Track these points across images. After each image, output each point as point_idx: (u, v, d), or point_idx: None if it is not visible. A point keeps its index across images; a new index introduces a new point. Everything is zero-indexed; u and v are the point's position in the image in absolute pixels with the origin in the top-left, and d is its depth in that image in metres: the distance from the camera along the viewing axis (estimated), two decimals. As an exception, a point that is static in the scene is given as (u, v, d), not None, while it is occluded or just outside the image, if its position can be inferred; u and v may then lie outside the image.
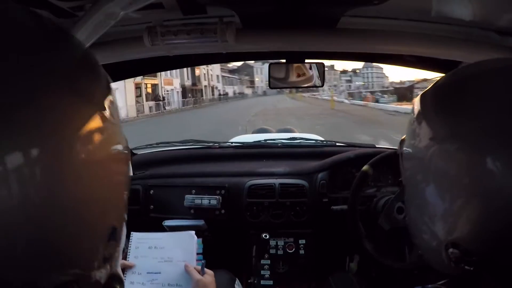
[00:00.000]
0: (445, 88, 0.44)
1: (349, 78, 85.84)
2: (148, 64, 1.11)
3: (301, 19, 0.87)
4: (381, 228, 1.19)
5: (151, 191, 1.41)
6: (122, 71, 1.21)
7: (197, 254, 0.92)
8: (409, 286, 0.48)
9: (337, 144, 1.70)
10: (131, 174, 1.47)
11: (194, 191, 1.38)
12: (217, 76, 47.57)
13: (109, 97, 0.31)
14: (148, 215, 1.39)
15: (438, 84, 0.45)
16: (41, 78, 0.25)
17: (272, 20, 0.86)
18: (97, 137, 0.28)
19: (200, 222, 1.36)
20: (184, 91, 35.31)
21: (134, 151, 1.59)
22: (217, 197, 1.36)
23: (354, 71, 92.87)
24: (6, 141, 0.22)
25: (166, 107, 27.96)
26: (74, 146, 0.26)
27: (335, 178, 1.40)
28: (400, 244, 1.16)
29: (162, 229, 1.33)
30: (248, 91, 66.65)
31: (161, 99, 27.83)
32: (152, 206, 1.40)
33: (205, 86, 42.27)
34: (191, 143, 1.72)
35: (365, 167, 1.18)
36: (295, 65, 1.08)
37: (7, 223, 0.22)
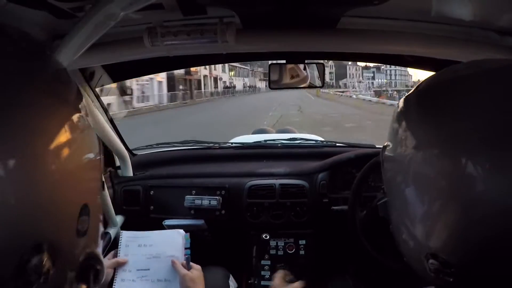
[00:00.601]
0: (427, 92, 0.43)
1: (372, 74, 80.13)
2: (148, 65, 1.11)
3: (301, 20, 0.87)
4: (381, 228, 1.18)
5: (151, 192, 1.41)
6: (122, 72, 1.21)
7: (186, 248, 0.94)
8: (408, 287, 0.48)
9: (337, 144, 1.70)
10: (131, 174, 1.47)
11: (194, 191, 1.38)
12: (223, 65, 35.39)
13: (79, 110, 0.36)
14: (148, 215, 1.39)
15: (420, 88, 0.44)
16: (15, 93, 0.30)
17: (272, 20, 0.86)
18: (68, 142, 0.33)
19: (200, 222, 1.36)
20: (172, 82, 25.96)
21: (134, 152, 1.59)
22: (217, 197, 1.36)
23: (377, 67, 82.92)
24: None
25: (137, 104, 19.34)
26: (41, 133, 0.30)
27: (335, 179, 1.40)
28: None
29: (162, 229, 1.33)
30: (261, 84, 59.40)
31: (129, 93, 18.19)
32: (152, 207, 1.40)
33: (205, 76, 33.96)
34: (191, 144, 1.72)
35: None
36: (298, 65, 1.08)
37: None
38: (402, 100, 0.46)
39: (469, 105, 0.37)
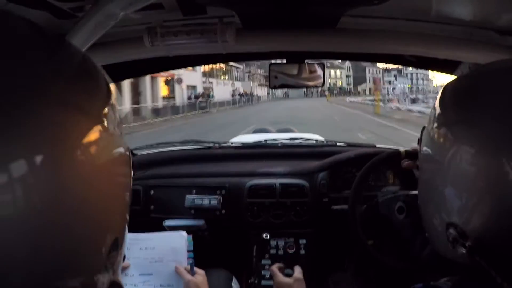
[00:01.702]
0: (463, 90, 0.45)
1: (393, 78, 70.33)
2: (148, 65, 1.11)
3: (301, 19, 0.87)
4: (382, 228, 1.19)
5: (152, 192, 1.41)
6: (122, 72, 1.21)
7: (188, 251, 0.92)
8: (408, 286, 0.49)
9: (337, 144, 1.70)
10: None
11: (194, 191, 1.38)
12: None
13: (110, 101, 0.32)
14: (149, 215, 1.39)
15: (457, 86, 0.46)
16: (42, 88, 0.26)
17: (272, 20, 0.86)
18: (98, 145, 0.28)
19: (200, 222, 1.36)
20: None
21: (134, 152, 1.59)
22: (217, 197, 1.36)
23: (398, 70, 71.82)
24: (10, 149, 0.22)
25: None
26: (76, 154, 0.26)
27: (335, 178, 1.40)
28: (402, 243, 1.16)
29: (163, 229, 1.33)
30: (261, 91, 45.21)
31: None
32: (152, 207, 1.40)
33: (168, 80, 20.59)
34: (191, 144, 1.72)
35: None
36: (302, 64, 1.08)
37: (11, 230, 0.22)
38: (438, 98, 0.47)
39: (506, 104, 0.38)
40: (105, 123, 0.30)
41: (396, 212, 1.16)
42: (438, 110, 0.46)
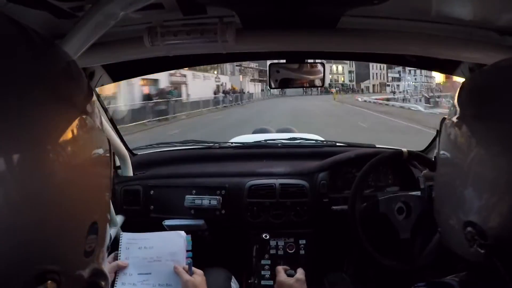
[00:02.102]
0: (484, 87, 0.45)
1: (397, 75, 63.99)
2: (148, 65, 1.11)
3: (301, 19, 0.87)
4: (381, 228, 1.19)
5: (152, 192, 1.41)
6: (122, 72, 1.21)
7: (187, 251, 0.92)
8: (407, 286, 0.49)
9: (337, 144, 1.70)
10: (131, 174, 1.47)
11: (194, 191, 1.38)
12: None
13: (90, 103, 0.34)
14: (149, 215, 1.39)
15: (477, 82, 0.46)
16: (24, 88, 0.28)
17: (272, 20, 0.86)
18: (77, 142, 0.31)
19: (200, 222, 1.36)
20: None
21: (134, 152, 1.59)
22: (217, 197, 1.36)
23: (402, 67, 69.42)
24: None
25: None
26: (54, 150, 0.28)
27: (335, 178, 1.40)
28: (401, 244, 1.16)
29: (163, 229, 1.33)
30: (254, 88, 39.55)
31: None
32: (152, 207, 1.40)
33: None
34: (191, 144, 1.72)
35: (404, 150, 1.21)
36: (301, 64, 1.08)
37: None
38: (456, 99, 0.47)
39: None
40: (85, 120, 0.32)
41: (395, 212, 1.17)
42: (458, 107, 0.46)
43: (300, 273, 0.96)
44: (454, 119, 0.45)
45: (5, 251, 0.26)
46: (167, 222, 1.35)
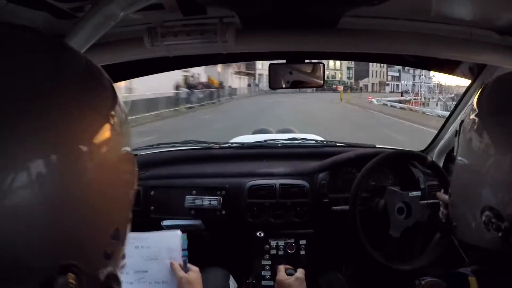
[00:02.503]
0: (505, 91, 0.47)
1: (397, 74, 59.89)
2: (148, 65, 1.11)
3: (301, 20, 0.87)
4: (381, 229, 1.19)
5: (152, 192, 1.41)
6: (122, 72, 1.21)
7: (183, 250, 0.93)
8: (407, 286, 0.49)
9: (337, 144, 1.70)
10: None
11: (194, 192, 1.38)
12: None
13: (116, 102, 0.36)
14: (149, 216, 1.39)
15: (497, 87, 0.48)
16: (53, 92, 0.30)
17: (272, 20, 0.86)
18: (106, 143, 0.33)
19: (198, 222, 1.35)
20: None
21: (134, 152, 1.58)
22: (217, 197, 1.36)
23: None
24: (28, 149, 0.27)
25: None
26: (85, 153, 0.30)
27: (335, 179, 1.40)
28: (401, 244, 1.16)
29: (162, 229, 1.33)
30: (239, 82, 34.09)
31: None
32: (152, 207, 1.40)
33: None
34: (191, 144, 1.72)
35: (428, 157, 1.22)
36: (301, 64, 1.08)
37: (26, 215, 0.27)
38: (474, 104, 0.49)
39: None
40: (112, 122, 0.34)
41: (396, 212, 1.17)
42: (477, 111, 0.47)
43: (300, 272, 0.96)
44: (474, 123, 0.47)
45: (36, 242, 0.28)
46: (165, 222, 1.35)
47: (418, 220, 1.15)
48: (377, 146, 1.66)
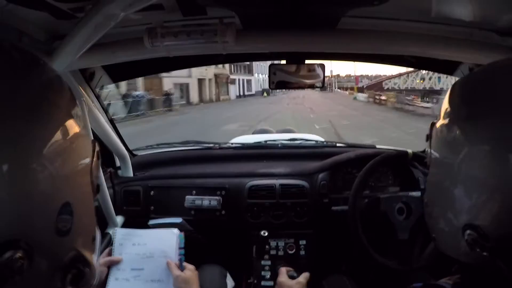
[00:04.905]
0: (475, 87, 0.45)
1: None
2: (148, 65, 1.11)
3: (301, 20, 0.87)
4: (381, 229, 1.18)
5: (152, 192, 1.41)
6: (122, 72, 1.21)
7: (180, 248, 0.94)
8: (404, 286, 0.49)
9: (337, 144, 1.70)
10: (131, 175, 1.47)
11: (194, 192, 1.38)
12: None
13: (75, 113, 0.38)
14: (149, 216, 1.39)
15: (468, 83, 0.46)
16: (10, 103, 0.32)
17: (272, 21, 0.86)
18: (60, 147, 0.35)
19: (178, 220, 1.35)
20: None
21: (135, 152, 1.59)
22: (217, 198, 1.36)
23: None
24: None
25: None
26: (39, 161, 0.32)
27: (335, 179, 1.40)
28: (401, 245, 1.16)
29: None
30: (206, 87, 26.30)
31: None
32: (152, 207, 1.40)
33: None
34: (191, 144, 1.72)
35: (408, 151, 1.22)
36: (301, 65, 1.08)
37: None
38: (447, 98, 0.47)
39: None
40: (71, 130, 0.37)
41: (396, 213, 1.16)
42: (448, 108, 0.45)
43: (303, 277, 0.96)
44: (445, 119, 0.45)
45: None
46: (151, 222, 1.36)
47: (417, 221, 1.15)
48: (377, 146, 1.66)
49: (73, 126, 0.37)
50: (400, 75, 32.67)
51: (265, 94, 37.83)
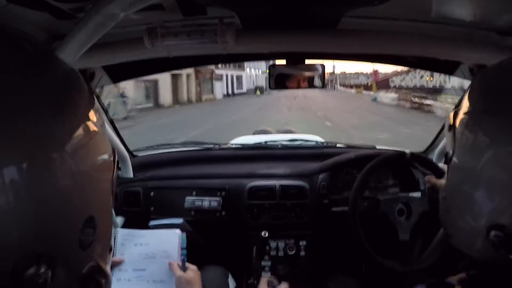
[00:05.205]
0: (497, 84, 0.43)
1: None
2: (148, 65, 1.11)
3: (302, 20, 0.87)
4: (382, 230, 1.18)
5: (152, 193, 1.41)
6: (122, 73, 1.21)
7: (182, 249, 0.93)
8: (405, 286, 0.49)
9: (337, 145, 1.70)
10: (131, 175, 1.47)
11: (194, 192, 1.38)
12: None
13: (92, 110, 0.36)
14: (149, 217, 1.39)
15: (489, 80, 0.44)
16: (28, 99, 0.30)
17: (272, 21, 0.86)
18: (80, 148, 0.33)
19: (179, 221, 1.35)
20: None
21: (135, 153, 1.59)
22: (217, 198, 1.36)
23: None
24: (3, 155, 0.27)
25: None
26: (57, 157, 0.31)
27: (335, 180, 1.40)
28: (402, 246, 1.16)
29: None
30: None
31: None
32: (152, 208, 1.40)
33: None
34: (191, 145, 1.72)
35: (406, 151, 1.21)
36: (299, 65, 1.08)
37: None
38: (466, 104, 0.45)
39: None
40: (88, 124, 0.35)
41: (396, 214, 1.16)
42: (468, 104, 0.44)
43: (283, 285, 0.94)
44: (466, 117, 0.43)
45: (1, 230, 0.27)
46: (152, 223, 1.36)
47: (418, 221, 1.15)
48: (377, 147, 1.66)
49: (93, 125, 0.36)
50: (408, 71, 28.91)
51: (258, 92, 34.20)
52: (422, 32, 0.87)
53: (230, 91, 31.66)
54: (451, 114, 0.48)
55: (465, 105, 0.45)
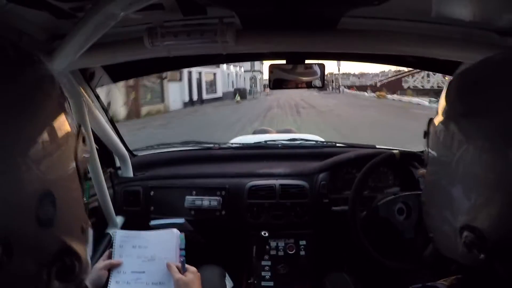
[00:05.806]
0: (471, 82, 0.44)
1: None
2: (148, 65, 1.11)
3: (301, 20, 0.87)
4: (383, 231, 1.18)
5: (152, 193, 1.41)
6: (122, 72, 1.21)
7: (181, 249, 0.92)
8: (405, 285, 0.48)
9: (337, 144, 1.70)
10: (131, 175, 1.46)
11: (194, 192, 1.38)
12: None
13: (62, 116, 0.37)
14: (149, 216, 1.39)
15: (464, 78, 0.45)
16: None
17: (272, 21, 0.86)
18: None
19: (181, 221, 1.35)
20: None
21: (135, 153, 1.59)
22: (217, 198, 1.36)
23: None
24: None
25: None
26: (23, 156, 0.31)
27: (335, 179, 1.40)
28: (402, 244, 1.16)
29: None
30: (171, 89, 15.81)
31: None
32: (152, 208, 1.40)
33: None
34: (191, 145, 1.72)
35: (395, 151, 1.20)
36: (299, 65, 1.08)
37: None
38: (444, 95, 0.45)
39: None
40: (57, 131, 0.35)
41: (396, 213, 1.16)
42: (445, 104, 0.44)
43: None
44: (443, 117, 0.44)
45: None
46: (152, 222, 1.35)
47: (419, 217, 1.15)
48: (377, 146, 1.66)
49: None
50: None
51: (238, 97, 23.81)
52: (422, 32, 0.87)
53: (195, 97, 20.83)
54: (427, 121, 0.48)
55: (441, 105, 0.45)
